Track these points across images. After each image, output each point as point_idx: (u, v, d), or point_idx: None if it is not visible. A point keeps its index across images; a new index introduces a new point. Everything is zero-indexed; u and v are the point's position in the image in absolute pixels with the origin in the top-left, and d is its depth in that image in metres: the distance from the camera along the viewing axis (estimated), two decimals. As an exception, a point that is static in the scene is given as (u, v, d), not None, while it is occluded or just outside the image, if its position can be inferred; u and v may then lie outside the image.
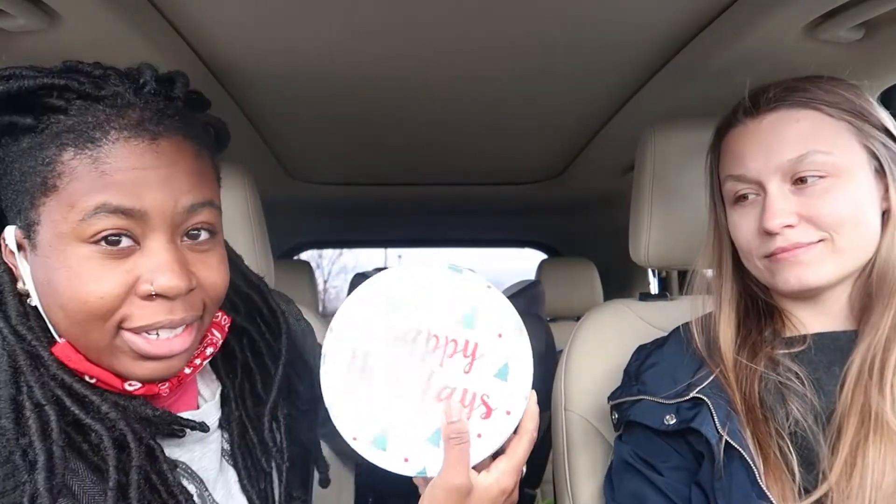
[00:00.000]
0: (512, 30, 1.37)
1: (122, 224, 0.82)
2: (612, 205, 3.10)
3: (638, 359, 1.30)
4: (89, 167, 0.82)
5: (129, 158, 0.83)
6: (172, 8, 1.26)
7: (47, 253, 0.83)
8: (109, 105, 0.85)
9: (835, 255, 1.08)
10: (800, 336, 1.15)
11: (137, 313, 0.85)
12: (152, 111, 0.87)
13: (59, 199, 0.82)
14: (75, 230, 0.81)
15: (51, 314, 0.86)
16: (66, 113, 0.84)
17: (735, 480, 1.04)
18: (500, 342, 0.99)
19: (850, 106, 1.09)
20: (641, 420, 1.19)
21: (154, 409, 0.89)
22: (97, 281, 0.82)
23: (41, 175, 0.82)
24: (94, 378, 0.87)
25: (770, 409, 1.09)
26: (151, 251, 0.84)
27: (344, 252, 13.25)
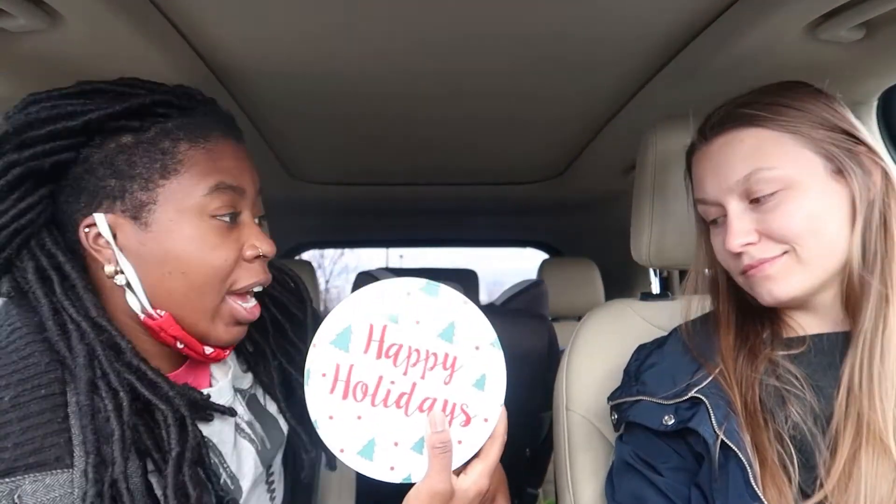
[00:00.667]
0: (513, 29, 1.37)
1: (231, 200, 1.05)
2: (613, 204, 3.10)
3: (638, 358, 1.30)
4: (204, 155, 1.04)
5: (229, 151, 1.08)
6: (174, 8, 1.26)
7: (168, 227, 1.01)
8: (200, 113, 1.08)
9: (801, 266, 1.08)
10: (798, 338, 1.16)
11: (243, 275, 1.06)
12: (227, 119, 1.13)
13: (181, 181, 1.01)
14: (198, 204, 1.02)
15: (161, 285, 1.02)
16: (166, 118, 1.04)
17: (731, 481, 1.04)
18: (478, 354, 1.04)
19: (796, 116, 1.09)
20: (640, 421, 1.19)
21: (200, 394, 1.04)
22: (220, 248, 1.03)
23: (160, 162, 1.01)
24: (183, 344, 1.05)
25: (770, 410, 1.09)
26: (247, 224, 1.08)
27: (345, 252, 13.28)
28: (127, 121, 1.01)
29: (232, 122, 1.15)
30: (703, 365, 1.17)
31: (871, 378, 1.02)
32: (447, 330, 1.04)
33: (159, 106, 1.04)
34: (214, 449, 1.08)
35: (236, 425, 1.14)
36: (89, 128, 1.00)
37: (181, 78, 1.47)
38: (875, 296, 1.05)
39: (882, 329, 1.04)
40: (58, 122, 0.98)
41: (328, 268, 15.15)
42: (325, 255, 14.54)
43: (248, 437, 1.15)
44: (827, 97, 1.13)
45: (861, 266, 1.06)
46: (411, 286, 1.04)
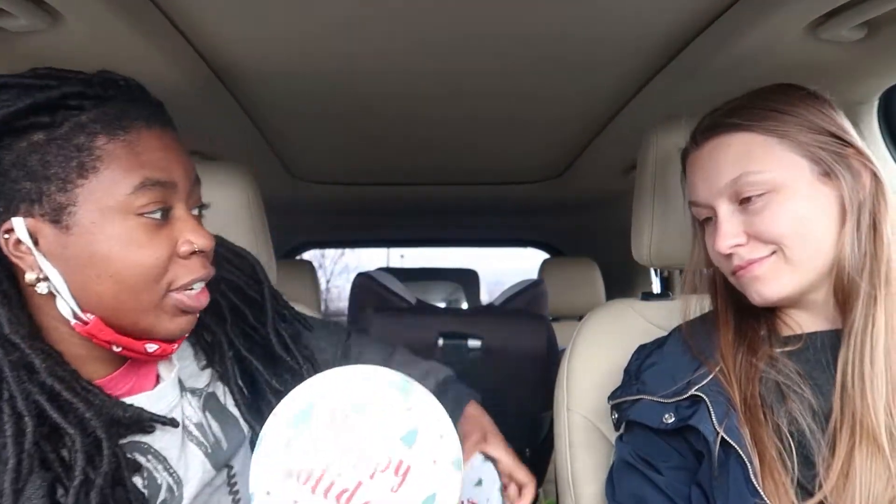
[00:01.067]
0: (514, 29, 1.37)
1: (161, 196, 0.96)
2: (614, 204, 3.10)
3: (638, 358, 1.31)
4: (126, 149, 0.95)
5: (154, 142, 0.98)
6: (174, 7, 1.26)
7: (90, 229, 0.93)
8: (118, 101, 0.98)
9: (789, 267, 1.09)
10: (795, 335, 1.17)
11: (182, 273, 0.99)
12: (153, 106, 1.03)
13: (102, 178, 0.93)
14: (123, 203, 0.94)
15: (89, 289, 0.95)
16: (80, 110, 0.95)
17: (732, 478, 1.05)
18: (433, 470, 0.94)
19: (783, 120, 1.10)
20: (641, 419, 1.19)
21: (125, 410, 0.98)
22: (149, 247, 0.95)
23: (76, 160, 0.92)
24: (120, 347, 0.98)
25: (770, 407, 1.10)
26: (182, 218, 1.00)
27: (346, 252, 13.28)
28: (35, 117, 0.93)
29: (158, 109, 1.04)
30: (703, 363, 1.18)
31: (862, 377, 1.03)
32: (410, 434, 0.94)
33: (71, 98, 0.95)
34: (158, 455, 1.03)
35: (183, 428, 1.09)
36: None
37: (182, 78, 1.48)
38: (864, 296, 1.06)
39: (871, 328, 1.05)
40: None
41: (329, 268, 15.15)
42: (326, 255, 14.53)
43: (195, 439, 1.09)
44: (818, 100, 1.14)
45: (850, 266, 1.07)
46: (385, 377, 0.98)
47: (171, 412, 1.06)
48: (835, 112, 1.13)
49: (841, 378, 1.05)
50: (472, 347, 2.26)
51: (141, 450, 1.01)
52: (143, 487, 0.99)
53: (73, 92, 0.95)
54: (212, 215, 1.61)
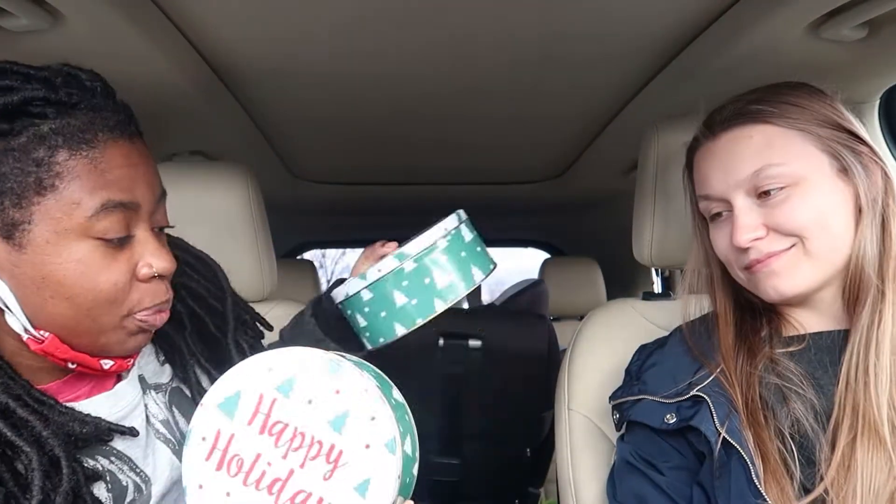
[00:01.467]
0: (515, 28, 1.37)
1: (123, 219, 0.91)
2: (615, 204, 3.10)
3: (639, 358, 1.31)
4: (88, 167, 0.88)
5: (119, 157, 0.91)
6: (175, 7, 1.26)
7: (45, 250, 0.87)
8: (84, 108, 0.91)
9: (808, 259, 1.09)
10: (798, 335, 1.17)
11: (141, 298, 0.95)
12: (120, 113, 0.95)
13: (61, 198, 0.86)
14: (81, 226, 0.87)
15: (42, 308, 0.90)
16: (43, 118, 0.88)
17: (734, 479, 1.05)
18: (367, 455, 0.89)
19: (803, 114, 1.10)
20: (642, 420, 1.19)
21: (83, 425, 0.93)
22: (107, 270, 0.90)
23: (34, 175, 0.85)
24: (75, 363, 0.94)
25: (771, 408, 1.10)
26: (144, 240, 0.95)
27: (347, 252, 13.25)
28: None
29: (126, 116, 0.96)
30: (704, 364, 1.18)
31: (866, 371, 1.04)
32: (339, 418, 0.89)
33: (32, 104, 0.88)
34: (121, 456, 0.99)
35: (149, 425, 1.06)
36: None
37: (183, 78, 1.48)
38: (873, 292, 1.07)
39: (878, 324, 1.05)
40: None
41: (330, 268, 15.13)
42: (327, 255, 14.52)
43: (162, 437, 1.07)
44: (829, 97, 1.14)
45: (865, 263, 1.08)
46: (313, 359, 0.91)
47: (133, 410, 1.03)
48: (846, 110, 1.14)
49: (845, 372, 1.06)
50: (473, 347, 2.26)
51: (103, 452, 0.97)
52: (108, 491, 0.95)
53: (36, 98, 0.88)
54: (214, 215, 1.62)
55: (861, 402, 1.02)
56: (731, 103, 1.17)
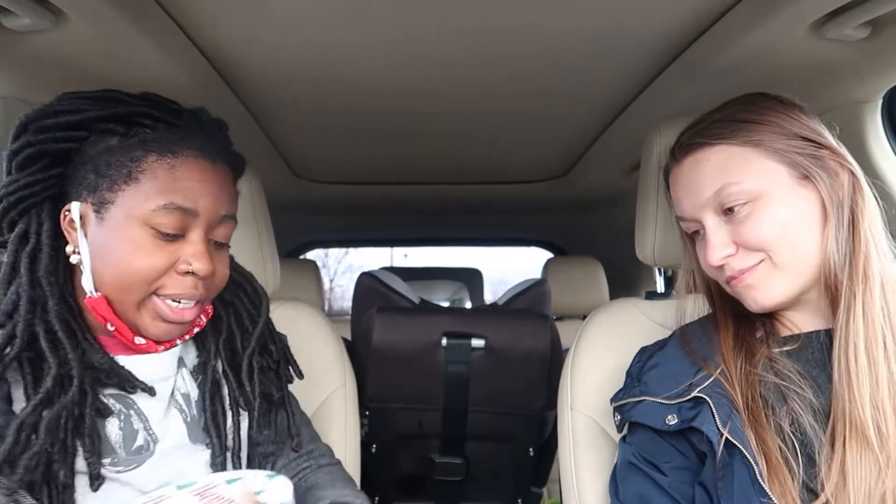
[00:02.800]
0: (517, 30, 1.37)
1: (179, 221, 1.09)
2: (618, 203, 3.10)
3: (640, 360, 1.32)
4: (167, 171, 1.09)
5: (194, 171, 1.11)
6: (178, 6, 1.26)
7: (115, 227, 1.08)
8: (184, 130, 1.14)
9: (778, 272, 1.12)
10: (793, 335, 1.18)
11: (171, 284, 1.11)
12: (212, 141, 1.18)
13: (138, 190, 1.08)
14: (145, 216, 1.07)
15: (99, 273, 1.10)
16: (152, 129, 1.12)
17: (737, 479, 1.05)
18: None
19: (757, 130, 1.13)
20: (643, 421, 1.20)
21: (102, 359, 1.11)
22: (151, 256, 1.08)
23: (127, 167, 1.08)
24: (114, 326, 1.11)
25: (771, 407, 1.11)
26: (193, 241, 1.12)
27: (350, 251, 13.28)
28: (115, 125, 1.10)
29: (220, 146, 1.21)
30: (702, 367, 1.19)
31: (848, 372, 1.05)
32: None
33: (146, 117, 1.12)
34: (140, 414, 1.14)
35: (171, 395, 1.20)
36: (84, 125, 1.11)
37: (185, 77, 1.48)
38: (845, 293, 1.08)
39: (852, 324, 1.07)
40: (62, 116, 1.10)
41: (332, 267, 15.14)
42: (330, 255, 14.54)
43: (178, 406, 1.21)
44: (789, 106, 1.17)
45: (835, 265, 1.10)
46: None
47: (163, 381, 1.19)
48: (807, 116, 1.16)
49: (835, 375, 1.07)
50: (476, 347, 2.26)
51: (125, 403, 1.13)
52: (120, 429, 1.11)
53: (150, 113, 1.12)
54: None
55: (847, 404, 1.04)
56: (690, 128, 1.21)
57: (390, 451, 2.48)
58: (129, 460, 1.10)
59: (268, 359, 1.34)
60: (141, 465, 1.11)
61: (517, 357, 2.28)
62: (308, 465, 1.40)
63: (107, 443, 1.09)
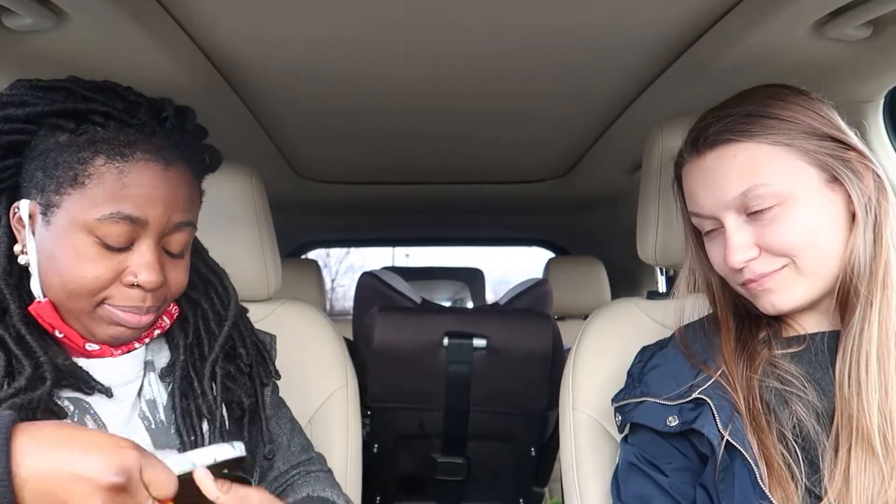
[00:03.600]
0: (519, 29, 1.37)
1: (126, 231, 1.03)
2: (620, 203, 3.10)
3: (641, 360, 1.31)
4: (115, 176, 1.02)
5: (145, 177, 1.04)
6: (180, 6, 1.26)
7: (58, 232, 1.03)
8: (138, 130, 1.07)
9: (801, 277, 1.09)
10: (798, 336, 1.16)
11: (119, 295, 1.06)
12: (170, 142, 1.09)
13: (84, 195, 1.02)
14: (90, 224, 1.01)
15: (46, 276, 1.06)
16: (104, 127, 1.05)
17: (738, 481, 1.05)
18: None
19: (788, 128, 1.08)
20: (644, 422, 1.19)
21: (65, 359, 1.07)
22: (94, 265, 1.03)
23: (74, 170, 1.02)
24: (62, 333, 1.07)
25: (773, 410, 1.09)
26: (141, 251, 1.06)
27: (351, 251, 13.27)
28: (64, 120, 1.05)
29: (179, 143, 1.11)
30: (702, 370, 1.18)
31: (858, 380, 1.03)
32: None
33: (97, 114, 1.06)
34: (97, 420, 1.09)
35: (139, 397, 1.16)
36: (31, 119, 1.05)
37: (187, 77, 1.48)
38: (862, 299, 1.06)
39: (866, 331, 1.04)
40: (10, 108, 1.06)
41: (334, 267, 15.14)
42: (331, 255, 14.54)
43: (142, 413, 1.15)
44: (814, 101, 1.12)
45: (856, 270, 1.07)
46: None
47: (126, 385, 1.15)
48: (832, 112, 1.12)
49: (838, 380, 1.05)
50: (478, 346, 2.26)
51: (81, 408, 1.08)
52: None
53: (101, 110, 1.06)
54: (217, 215, 1.62)
55: (854, 412, 1.02)
56: (714, 119, 1.14)
57: (392, 451, 2.48)
58: None
59: (238, 363, 1.28)
60: None
61: (519, 357, 2.28)
62: (297, 472, 1.36)
63: None
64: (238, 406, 1.26)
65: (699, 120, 1.18)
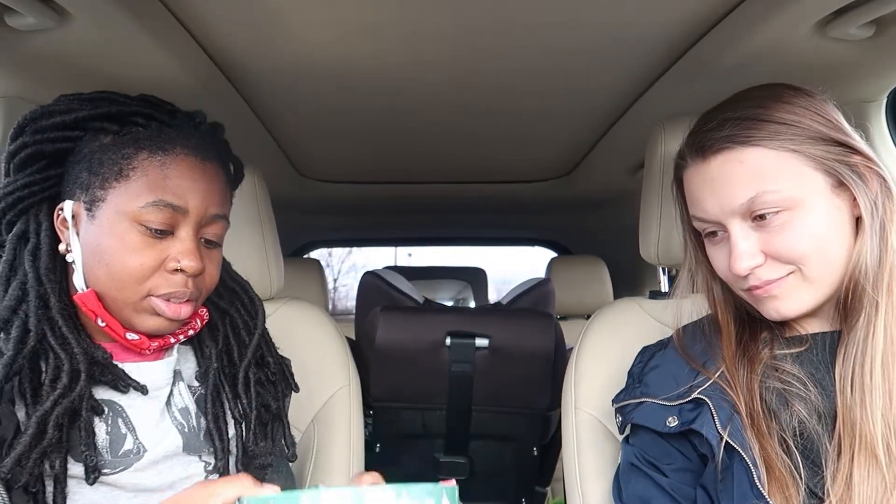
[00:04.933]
0: (521, 28, 1.37)
1: (169, 218, 1.10)
2: (622, 203, 3.10)
3: (641, 360, 1.30)
4: (157, 169, 1.10)
5: (184, 170, 1.12)
6: (183, 7, 1.26)
7: (105, 224, 1.09)
8: (178, 129, 1.15)
9: (807, 284, 1.07)
10: (799, 336, 1.15)
11: (163, 283, 1.11)
12: (205, 142, 1.18)
13: (128, 187, 1.09)
14: (134, 213, 1.08)
15: (92, 270, 1.11)
16: (145, 128, 1.13)
17: (736, 483, 1.04)
18: None
19: (794, 133, 1.06)
20: (644, 423, 1.19)
21: (104, 353, 1.12)
22: (140, 253, 1.09)
23: (118, 165, 1.09)
24: (104, 322, 1.11)
25: (774, 411, 1.09)
26: (182, 239, 1.12)
27: (353, 251, 13.28)
28: (109, 123, 1.12)
29: (213, 145, 1.21)
30: (700, 371, 1.17)
31: (862, 387, 1.02)
32: None
33: (139, 116, 1.14)
34: (128, 422, 1.13)
35: (167, 406, 1.19)
36: (78, 124, 1.13)
37: (189, 77, 1.48)
38: (868, 304, 1.04)
39: (871, 337, 1.03)
40: (57, 116, 1.12)
41: (336, 266, 15.16)
42: (334, 254, 14.55)
43: (176, 421, 1.19)
44: (816, 101, 1.10)
45: (862, 275, 1.05)
46: None
47: (157, 390, 1.18)
48: (836, 114, 1.10)
49: (839, 385, 1.04)
50: (480, 346, 2.26)
51: (115, 409, 1.13)
52: (107, 434, 1.10)
53: (142, 112, 1.14)
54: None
55: (858, 418, 1.01)
56: (718, 122, 1.11)
57: (394, 451, 2.48)
58: (115, 462, 1.10)
59: (266, 371, 1.33)
60: (127, 469, 1.10)
61: (521, 356, 2.28)
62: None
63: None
64: (266, 410, 1.30)
65: (700, 121, 1.16)
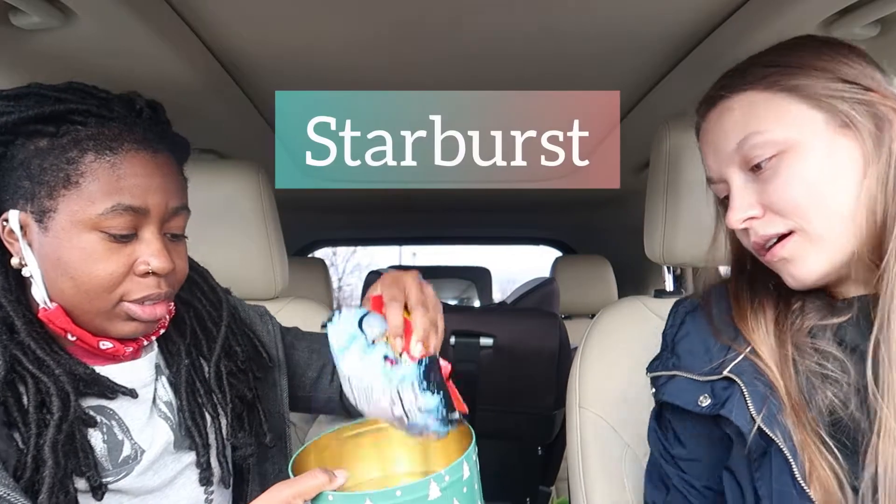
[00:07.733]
0: (527, 24, 1.37)
1: (130, 222, 1.04)
2: (627, 202, 3.09)
3: (674, 323, 1.22)
4: (108, 171, 1.02)
5: (137, 167, 1.05)
6: (187, 5, 1.26)
7: (61, 235, 1.02)
8: (120, 122, 1.07)
9: (814, 245, 0.98)
10: (839, 303, 1.04)
11: (135, 288, 1.07)
12: (152, 131, 1.10)
13: (80, 194, 1.01)
14: (92, 221, 1.01)
15: (55, 283, 1.05)
16: (84, 125, 1.04)
17: (776, 473, 0.95)
18: None
19: (790, 72, 0.99)
20: (675, 401, 1.11)
21: (85, 368, 1.07)
22: (106, 261, 1.03)
23: (64, 171, 1.01)
24: (74, 336, 1.07)
25: (809, 395, 0.98)
26: (147, 240, 1.07)
27: (358, 250, 13.28)
28: (44, 125, 1.04)
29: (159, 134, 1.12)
30: (732, 346, 1.08)
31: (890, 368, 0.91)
32: None
33: (76, 114, 1.05)
34: (121, 424, 1.11)
35: (153, 403, 1.18)
36: (7, 129, 1.03)
37: (194, 76, 1.48)
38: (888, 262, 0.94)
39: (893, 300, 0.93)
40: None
41: (341, 266, 15.16)
42: (338, 253, 14.54)
43: (163, 414, 1.18)
44: (835, 47, 1.02)
45: (879, 230, 0.95)
46: None
47: (143, 388, 1.15)
48: (858, 57, 1.02)
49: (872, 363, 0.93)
50: (485, 345, 2.26)
51: (106, 414, 1.10)
52: (104, 442, 1.07)
53: (80, 109, 1.05)
54: (225, 213, 1.62)
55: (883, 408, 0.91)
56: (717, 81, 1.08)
57: (398, 450, 2.48)
58: (117, 471, 1.08)
59: (235, 361, 1.30)
60: (130, 474, 1.09)
61: (525, 356, 2.28)
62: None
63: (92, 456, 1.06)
64: (241, 401, 1.28)
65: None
